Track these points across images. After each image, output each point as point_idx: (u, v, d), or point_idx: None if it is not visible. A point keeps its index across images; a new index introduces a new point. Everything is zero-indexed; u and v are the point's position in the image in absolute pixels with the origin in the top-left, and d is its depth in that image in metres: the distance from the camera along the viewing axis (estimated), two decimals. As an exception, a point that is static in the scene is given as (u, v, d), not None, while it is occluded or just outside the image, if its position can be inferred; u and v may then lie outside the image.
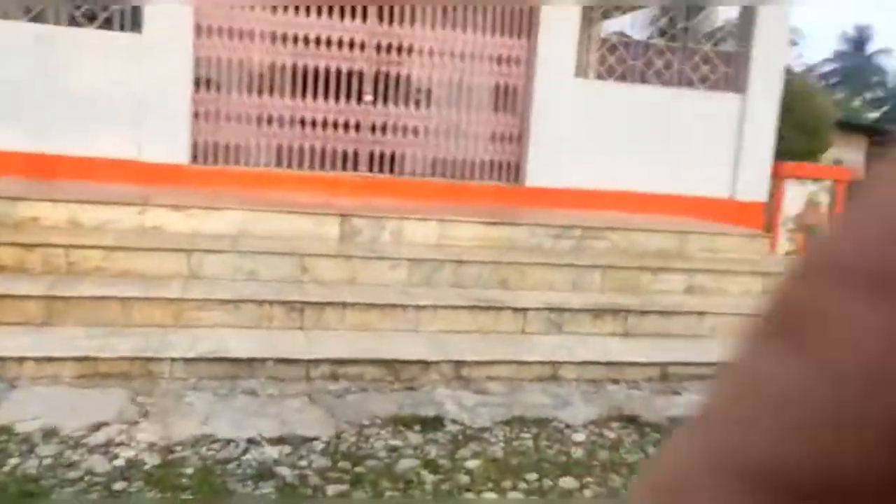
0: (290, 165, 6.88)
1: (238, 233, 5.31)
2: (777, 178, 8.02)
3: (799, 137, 10.52)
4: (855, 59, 41.77)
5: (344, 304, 4.69)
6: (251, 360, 4.14)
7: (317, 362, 4.20)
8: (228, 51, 6.65)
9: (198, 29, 6.53)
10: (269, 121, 6.80)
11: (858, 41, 42.92)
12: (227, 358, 4.12)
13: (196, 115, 6.62)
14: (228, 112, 6.71)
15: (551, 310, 4.97)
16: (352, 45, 6.82)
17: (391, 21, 6.89)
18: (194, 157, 6.65)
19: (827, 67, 38.99)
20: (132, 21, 6.43)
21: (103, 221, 5.13)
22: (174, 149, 6.49)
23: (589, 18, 7.57)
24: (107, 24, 6.43)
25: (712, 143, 7.51)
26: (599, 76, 7.63)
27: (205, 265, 4.87)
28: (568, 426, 3.89)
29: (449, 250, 5.53)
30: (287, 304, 4.62)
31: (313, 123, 6.88)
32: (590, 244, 5.94)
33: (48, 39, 6.22)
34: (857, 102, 35.48)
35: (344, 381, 4.20)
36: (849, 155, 15.88)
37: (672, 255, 6.07)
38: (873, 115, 34.11)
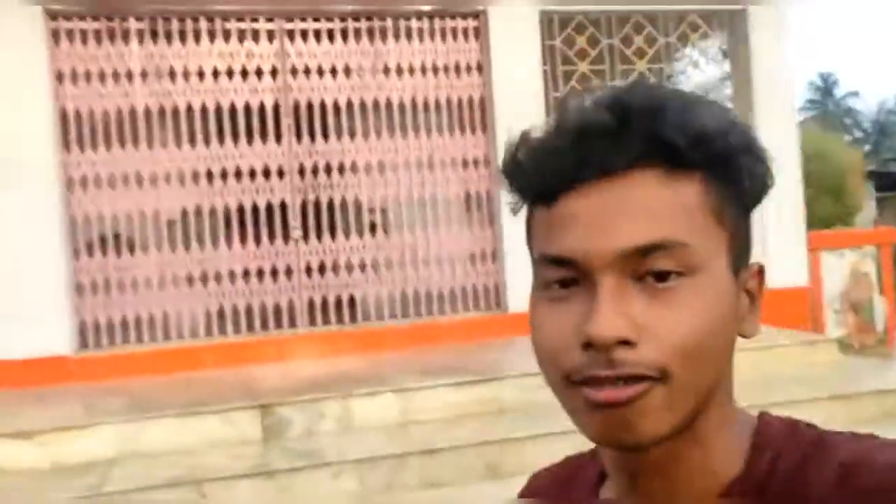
0: (201, 335, 5.41)
1: (115, 455, 3.77)
2: (810, 252, 6.63)
3: (824, 200, 9.15)
4: (826, 106, 41.61)
5: (259, 560, 3.12)
6: None
7: None
8: (108, 203, 5.28)
9: (69, 182, 5.19)
10: (175, 281, 5.36)
11: (826, 88, 42.92)
12: None
13: (79, 288, 5.19)
14: (121, 278, 5.27)
15: None
16: (267, 172, 5.47)
17: (312, 137, 5.57)
18: (82, 343, 5.18)
19: (801, 116, 38.69)
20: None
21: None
22: (53, 336, 5.02)
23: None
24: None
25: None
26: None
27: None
28: None
29: (415, 433, 3.99)
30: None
31: (231, 276, 5.44)
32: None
33: None
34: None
35: None
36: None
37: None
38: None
